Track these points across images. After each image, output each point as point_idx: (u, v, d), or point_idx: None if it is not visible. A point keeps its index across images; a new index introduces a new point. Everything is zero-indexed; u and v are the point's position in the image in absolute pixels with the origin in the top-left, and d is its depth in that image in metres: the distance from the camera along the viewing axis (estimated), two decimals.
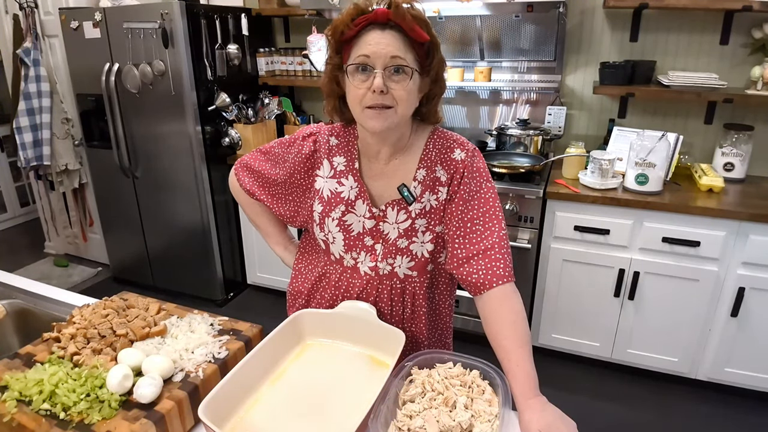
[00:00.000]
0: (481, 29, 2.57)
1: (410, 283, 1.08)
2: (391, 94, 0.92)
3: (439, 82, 1.00)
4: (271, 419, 0.86)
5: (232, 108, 2.81)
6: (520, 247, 2.29)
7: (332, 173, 1.07)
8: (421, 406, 0.85)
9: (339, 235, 1.06)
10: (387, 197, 1.05)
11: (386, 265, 1.06)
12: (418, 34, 0.91)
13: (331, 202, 1.06)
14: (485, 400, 0.86)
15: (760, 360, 2.11)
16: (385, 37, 0.90)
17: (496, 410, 0.84)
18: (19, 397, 0.87)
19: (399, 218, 1.04)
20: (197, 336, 1.02)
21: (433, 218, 1.04)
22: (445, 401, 0.85)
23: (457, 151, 1.04)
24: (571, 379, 2.39)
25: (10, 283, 1.41)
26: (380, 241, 1.05)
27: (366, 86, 0.92)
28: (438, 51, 0.97)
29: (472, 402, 0.85)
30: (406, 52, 0.91)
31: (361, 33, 0.92)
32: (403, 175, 1.05)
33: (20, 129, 2.98)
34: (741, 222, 1.97)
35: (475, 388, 0.88)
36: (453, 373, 0.91)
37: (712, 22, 2.29)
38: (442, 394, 0.86)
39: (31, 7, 2.94)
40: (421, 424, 0.80)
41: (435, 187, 1.04)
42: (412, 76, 0.92)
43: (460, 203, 1.01)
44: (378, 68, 0.90)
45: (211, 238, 2.91)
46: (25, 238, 4.12)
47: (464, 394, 0.86)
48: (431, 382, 0.89)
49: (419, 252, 1.05)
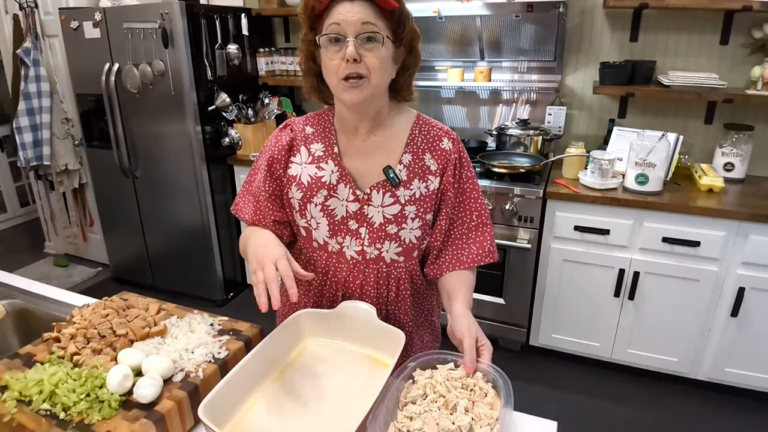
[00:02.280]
0: (481, 29, 2.57)
1: (396, 267, 1.09)
2: (364, 63, 0.92)
3: (413, 52, 1.02)
4: (271, 419, 0.86)
5: (232, 108, 2.81)
6: (520, 247, 2.29)
7: (310, 159, 1.07)
8: (422, 408, 0.85)
9: (323, 220, 1.06)
10: (371, 179, 1.05)
11: (374, 250, 1.06)
12: (386, 2, 0.91)
13: (312, 188, 1.05)
14: (487, 403, 0.85)
15: (760, 360, 2.11)
16: (355, 6, 0.91)
17: (497, 414, 0.84)
18: (19, 397, 0.87)
19: (385, 201, 1.04)
20: (197, 336, 1.02)
21: (423, 205, 1.05)
22: (445, 404, 0.84)
23: (444, 140, 1.08)
24: (571, 379, 2.39)
25: (10, 283, 1.41)
26: (364, 224, 1.05)
27: (339, 56, 0.92)
28: (410, 21, 0.98)
29: (473, 405, 0.85)
30: (377, 19, 0.92)
31: (332, 5, 0.93)
32: (385, 155, 1.05)
33: (20, 129, 2.98)
34: (741, 222, 1.97)
35: (478, 390, 0.88)
36: (455, 375, 0.91)
37: (712, 22, 2.29)
38: (443, 397, 0.86)
39: (31, 7, 2.94)
40: (420, 426, 0.80)
41: (425, 176, 1.05)
42: (384, 43, 0.93)
43: (454, 192, 1.08)
44: (350, 36, 0.91)
45: (211, 238, 2.91)
46: (25, 238, 4.12)
47: (466, 397, 0.86)
48: (433, 384, 0.89)
49: (407, 238, 1.06)
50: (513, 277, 2.40)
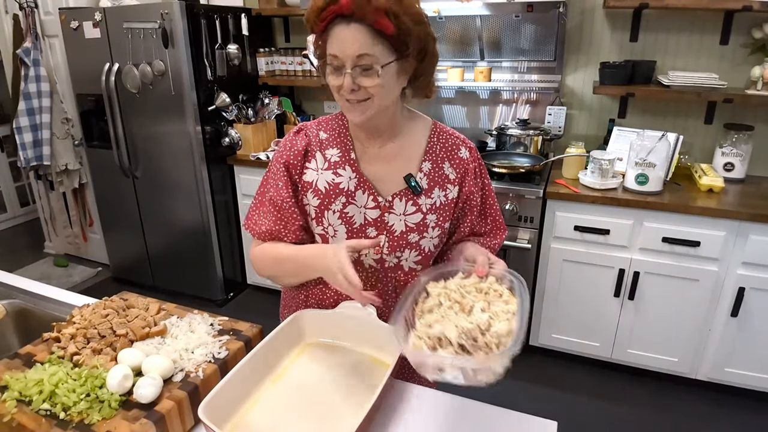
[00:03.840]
0: (481, 29, 2.57)
1: (413, 276, 1.08)
2: (363, 90, 0.92)
3: (427, 57, 0.96)
4: (271, 419, 0.86)
5: (232, 108, 2.81)
6: (520, 247, 2.29)
7: (326, 165, 1.05)
8: (439, 314, 0.84)
9: (341, 227, 1.04)
10: (392, 187, 1.04)
11: (393, 258, 1.06)
12: (384, 26, 0.87)
13: (330, 194, 1.04)
14: (503, 301, 0.85)
15: (760, 360, 2.11)
16: (351, 31, 0.87)
17: (513, 308, 0.83)
18: (19, 397, 0.87)
19: (408, 209, 1.04)
20: (197, 336, 1.02)
21: (442, 214, 1.06)
22: (462, 308, 0.84)
23: (462, 149, 1.08)
24: (571, 379, 2.39)
25: (10, 283, 1.41)
26: (384, 232, 1.04)
27: (340, 82, 0.92)
28: (414, 34, 0.90)
29: (489, 306, 0.84)
30: (374, 46, 0.88)
31: (330, 27, 0.90)
32: (404, 163, 1.05)
33: (20, 129, 2.98)
34: (741, 222, 1.97)
35: (492, 292, 0.88)
36: (469, 283, 0.90)
37: (712, 22, 2.29)
38: (458, 303, 0.85)
39: (31, 7, 2.94)
40: (440, 331, 0.79)
41: (444, 185, 1.06)
42: (384, 69, 0.91)
43: (478, 199, 1.10)
44: (348, 68, 0.90)
45: (211, 238, 2.91)
46: (25, 238, 4.12)
47: (481, 299, 0.86)
48: (447, 292, 0.88)
49: (427, 247, 1.07)
50: None
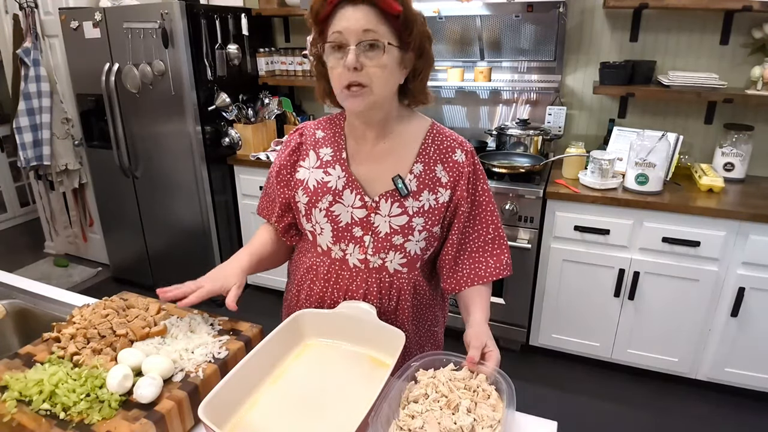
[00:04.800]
0: (481, 29, 2.57)
1: (399, 278, 1.08)
2: (366, 72, 0.91)
3: (424, 55, 0.99)
4: (271, 419, 0.86)
5: (232, 108, 2.81)
6: (520, 247, 2.29)
7: (318, 163, 1.07)
8: (424, 407, 0.84)
9: (327, 225, 1.06)
10: (380, 187, 1.04)
11: (377, 259, 1.06)
12: (390, 6, 0.89)
13: (318, 192, 1.05)
14: (489, 405, 0.85)
15: (760, 360, 2.11)
16: (357, 11, 0.89)
17: (499, 416, 0.83)
18: (19, 397, 0.87)
19: (393, 211, 1.03)
20: (197, 336, 1.02)
21: (431, 218, 1.04)
22: (448, 404, 0.84)
23: (458, 152, 1.05)
24: (571, 379, 2.39)
25: (10, 283, 1.41)
26: (369, 232, 1.04)
27: (342, 64, 0.91)
28: (417, 23, 0.94)
29: (475, 406, 0.84)
30: (379, 25, 0.90)
31: (336, 10, 0.91)
32: (394, 163, 1.04)
33: (20, 129, 2.98)
34: (741, 222, 1.97)
35: (480, 392, 0.88)
36: (459, 377, 0.91)
37: (712, 22, 2.29)
38: (446, 397, 0.86)
39: (31, 7, 2.94)
40: (422, 425, 0.80)
41: (435, 188, 1.04)
42: (388, 50, 0.91)
43: (468, 207, 1.06)
44: (351, 44, 0.90)
45: (211, 238, 2.91)
46: (25, 238, 4.12)
47: (468, 397, 0.86)
48: (435, 383, 0.88)
49: (413, 250, 1.05)
50: (513, 277, 2.39)
